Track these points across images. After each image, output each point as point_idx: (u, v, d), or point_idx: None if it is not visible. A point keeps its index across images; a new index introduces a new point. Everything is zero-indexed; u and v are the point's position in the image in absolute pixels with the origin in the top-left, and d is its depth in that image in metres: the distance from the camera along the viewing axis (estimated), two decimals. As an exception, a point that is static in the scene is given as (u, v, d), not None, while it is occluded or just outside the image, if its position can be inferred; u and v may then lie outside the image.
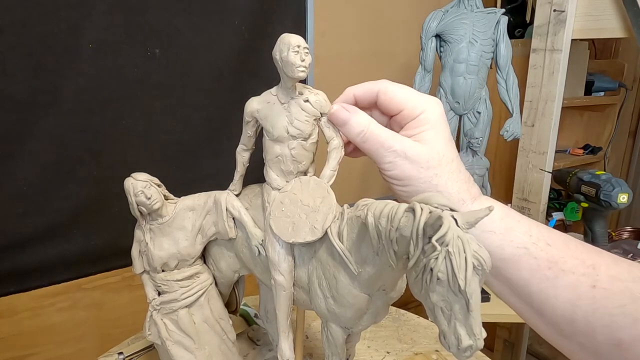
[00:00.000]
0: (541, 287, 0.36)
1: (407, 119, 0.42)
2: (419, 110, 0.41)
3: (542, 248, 0.37)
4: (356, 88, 0.45)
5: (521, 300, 0.38)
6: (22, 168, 0.91)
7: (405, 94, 0.42)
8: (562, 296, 0.35)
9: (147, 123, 1.03)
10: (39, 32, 0.86)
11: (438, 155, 0.41)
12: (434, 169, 0.40)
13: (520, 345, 1.59)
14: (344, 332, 0.51)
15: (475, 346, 0.29)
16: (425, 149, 0.41)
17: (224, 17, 1.07)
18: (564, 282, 0.35)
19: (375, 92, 0.43)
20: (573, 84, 1.43)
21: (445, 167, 0.41)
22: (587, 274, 0.35)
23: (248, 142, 0.53)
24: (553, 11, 1.16)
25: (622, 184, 1.13)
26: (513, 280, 0.38)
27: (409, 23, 1.46)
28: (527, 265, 0.37)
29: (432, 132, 0.41)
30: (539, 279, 0.36)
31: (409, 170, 0.41)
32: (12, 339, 0.99)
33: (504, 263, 0.38)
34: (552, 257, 0.36)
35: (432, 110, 0.42)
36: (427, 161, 0.40)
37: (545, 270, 0.36)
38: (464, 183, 0.41)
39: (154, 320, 0.59)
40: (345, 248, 0.43)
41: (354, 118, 0.43)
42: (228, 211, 0.54)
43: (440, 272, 0.29)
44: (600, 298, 0.33)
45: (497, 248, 0.38)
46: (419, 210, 0.32)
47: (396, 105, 0.42)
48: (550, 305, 0.36)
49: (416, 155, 0.40)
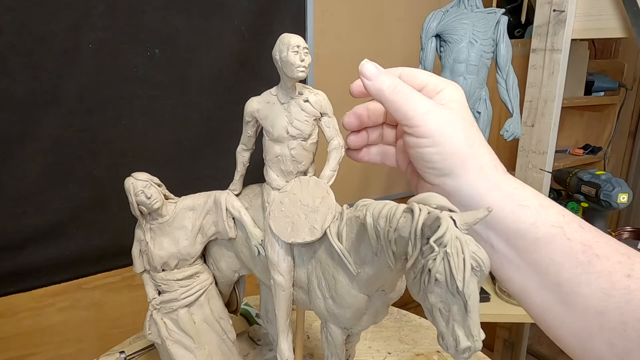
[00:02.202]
0: (574, 273, 0.33)
1: (431, 93, 0.41)
2: (442, 86, 0.40)
3: (576, 230, 0.34)
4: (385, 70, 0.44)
5: (549, 291, 0.35)
6: (22, 168, 0.91)
7: (428, 74, 0.42)
8: (596, 284, 0.32)
9: (147, 123, 1.03)
10: (39, 32, 0.86)
11: (468, 120, 0.39)
12: (468, 129, 0.38)
13: (520, 345, 1.59)
14: (343, 333, 0.51)
15: (473, 347, 0.29)
16: (455, 112, 0.39)
17: (224, 17, 1.07)
18: (598, 268, 0.32)
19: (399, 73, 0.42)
20: (573, 84, 1.43)
21: (477, 133, 0.39)
22: (623, 262, 0.32)
23: (248, 142, 0.53)
24: (553, 11, 1.16)
25: (622, 184, 1.14)
26: (543, 267, 0.35)
27: (409, 23, 1.46)
28: (560, 246, 0.34)
29: (458, 104, 0.40)
30: (571, 263, 0.33)
31: (444, 125, 0.38)
32: (12, 339, 0.99)
33: (537, 244, 0.35)
34: (587, 240, 0.34)
35: (456, 90, 0.41)
36: (460, 121, 0.38)
37: (579, 253, 0.33)
38: (493, 153, 0.39)
39: (154, 319, 0.59)
40: (345, 248, 0.43)
41: (384, 72, 0.41)
42: (228, 211, 0.54)
43: (439, 273, 0.29)
44: (635, 289, 0.31)
45: (531, 225, 0.35)
46: (417, 211, 0.32)
47: (419, 82, 0.41)
48: (581, 294, 0.33)
49: (449, 114, 0.38)
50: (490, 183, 0.37)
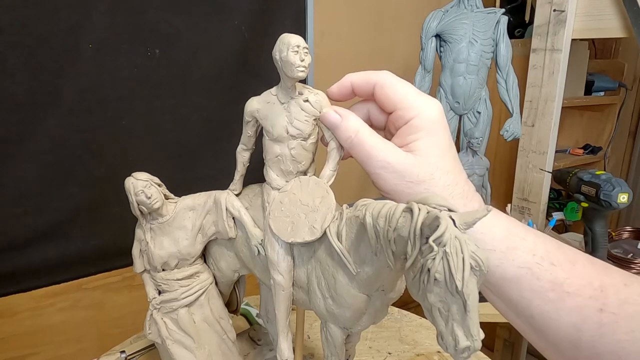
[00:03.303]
0: (544, 309, 0.34)
1: (400, 121, 0.39)
2: (412, 113, 0.38)
3: (546, 268, 0.35)
4: (354, 76, 0.42)
5: (523, 319, 0.36)
6: (22, 168, 0.91)
7: (402, 92, 0.39)
8: (566, 320, 0.33)
9: (147, 123, 1.03)
10: (39, 32, 0.86)
11: (430, 168, 0.37)
12: (425, 183, 0.37)
13: (520, 345, 1.59)
14: (343, 333, 0.51)
15: (473, 347, 0.29)
16: (415, 161, 0.37)
17: (224, 17, 1.07)
18: (569, 305, 0.33)
19: (372, 84, 0.40)
20: (573, 84, 1.43)
21: (439, 181, 0.37)
22: (594, 297, 0.32)
23: (248, 142, 0.53)
24: (553, 11, 1.16)
25: (622, 184, 1.13)
26: (514, 300, 0.36)
27: (409, 23, 1.46)
28: (529, 286, 0.35)
29: (426, 141, 0.38)
30: (541, 300, 0.34)
31: (397, 185, 0.38)
32: (12, 339, 0.99)
33: (505, 282, 0.36)
34: (557, 279, 0.34)
35: (428, 114, 0.38)
36: (417, 175, 0.37)
37: (548, 292, 0.34)
38: (460, 198, 0.38)
39: (154, 319, 0.59)
40: (344, 248, 0.43)
41: (344, 123, 0.41)
42: (228, 211, 0.54)
43: (438, 273, 0.29)
44: (608, 323, 0.31)
45: (497, 267, 0.36)
46: (416, 211, 0.32)
47: (391, 103, 0.39)
48: (553, 328, 0.34)
49: (404, 168, 0.37)
50: None
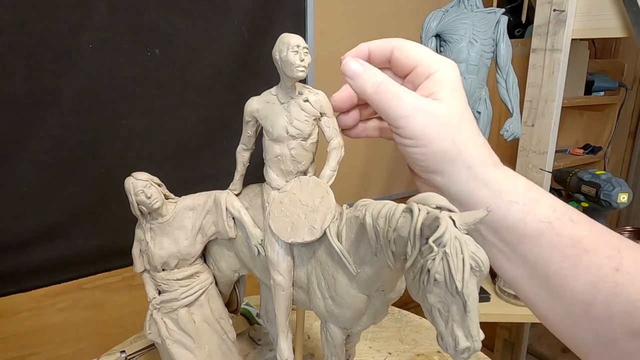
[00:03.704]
0: (562, 267, 0.33)
1: (422, 77, 0.39)
2: (434, 69, 0.39)
3: (565, 224, 0.34)
4: (371, 43, 0.42)
5: (537, 283, 0.35)
6: (22, 168, 0.91)
7: (422, 52, 0.40)
8: (584, 277, 0.32)
9: (147, 123, 1.03)
10: (39, 32, 0.86)
11: (457, 114, 0.37)
12: (455, 126, 0.37)
13: (520, 345, 1.59)
14: (343, 333, 0.51)
15: (472, 348, 0.29)
16: (444, 104, 0.37)
17: (224, 17, 1.07)
18: (587, 262, 0.33)
19: (391, 48, 0.41)
20: (573, 84, 1.43)
21: (466, 126, 0.38)
22: (611, 257, 0.32)
23: (248, 142, 0.53)
24: (553, 11, 1.16)
25: (622, 184, 1.14)
26: (531, 260, 0.35)
27: (409, 23, 1.46)
28: (549, 241, 0.34)
29: (449, 92, 0.38)
30: (560, 257, 0.34)
31: (429, 126, 0.37)
32: (12, 339, 0.99)
33: (525, 239, 0.35)
34: (576, 235, 0.34)
35: (449, 70, 0.39)
36: (447, 116, 0.37)
37: (568, 248, 0.33)
38: (485, 146, 0.38)
39: (154, 319, 0.59)
40: (344, 248, 0.43)
41: (367, 70, 0.40)
42: (228, 211, 0.54)
43: (438, 273, 0.29)
44: (623, 283, 0.31)
45: (519, 221, 0.35)
46: (416, 211, 0.32)
47: (411, 61, 0.40)
48: (569, 287, 0.33)
49: (436, 109, 0.37)
50: (478, 181, 0.37)
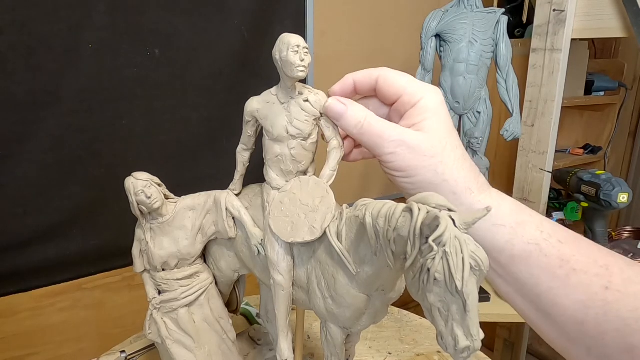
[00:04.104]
0: (551, 286, 0.34)
1: (407, 105, 0.41)
2: (418, 97, 0.40)
3: (553, 245, 0.35)
4: (356, 74, 0.44)
5: (528, 300, 0.37)
6: (22, 168, 0.91)
7: (405, 80, 0.41)
8: (573, 297, 0.33)
9: (147, 123, 1.03)
10: (39, 32, 0.86)
11: (441, 143, 0.39)
12: (438, 156, 0.38)
13: (520, 345, 1.59)
14: (343, 333, 0.51)
15: (472, 347, 0.29)
16: (426, 136, 0.39)
17: (224, 17, 1.07)
18: (576, 281, 0.33)
19: (375, 78, 0.42)
20: (573, 84, 1.43)
21: (450, 154, 0.39)
22: (600, 275, 0.33)
23: (248, 141, 0.53)
24: (553, 11, 1.16)
25: (622, 184, 1.14)
26: (521, 279, 0.36)
27: (409, 23, 1.46)
28: (537, 262, 0.35)
29: (434, 120, 0.39)
30: (549, 277, 0.34)
31: (412, 160, 0.39)
32: (12, 339, 0.99)
33: (513, 260, 0.36)
34: (564, 255, 0.34)
35: (432, 97, 0.40)
36: (429, 148, 0.38)
37: (556, 268, 0.34)
38: (470, 172, 0.40)
39: (154, 319, 0.59)
40: (344, 248, 0.43)
41: (350, 110, 0.42)
42: (228, 211, 0.54)
43: (438, 273, 0.29)
44: (613, 301, 0.32)
45: (507, 243, 0.36)
46: (416, 210, 0.32)
47: (395, 91, 0.41)
48: (560, 306, 0.34)
49: (417, 143, 0.38)
50: (463, 207, 0.38)
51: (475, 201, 0.38)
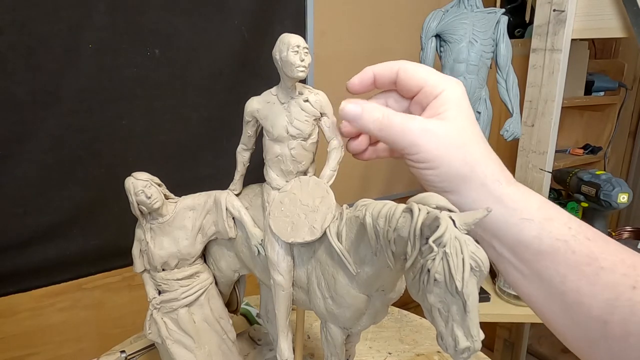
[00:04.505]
0: (578, 285, 0.33)
1: (429, 97, 0.40)
2: (440, 89, 0.39)
3: (581, 242, 0.34)
4: (375, 67, 0.42)
5: (553, 300, 0.35)
6: (22, 168, 0.91)
7: (426, 72, 0.40)
8: (600, 295, 0.32)
9: (147, 123, 1.03)
10: (39, 32, 0.86)
11: (466, 133, 0.38)
12: (466, 146, 0.37)
13: (520, 345, 1.59)
14: (343, 333, 0.51)
15: (472, 348, 0.29)
16: (452, 125, 0.37)
17: (224, 17, 1.07)
18: (603, 280, 0.32)
19: (396, 71, 0.41)
20: (573, 84, 1.43)
21: (477, 145, 0.38)
22: (628, 274, 0.32)
23: (248, 141, 0.53)
24: (553, 11, 1.16)
25: (622, 184, 1.13)
26: (546, 277, 0.35)
27: (409, 23, 1.46)
28: (564, 259, 0.34)
29: (457, 111, 0.38)
30: (576, 275, 0.33)
31: (438, 149, 0.37)
32: (12, 339, 0.99)
33: (540, 256, 0.35)
34: (592, 253, 0.33)
35: (454, 89, 0.39)
36: (456, 137, 0.37)
37: (584, 266, 0.33)
38: (497, 164, 0.38)
39: (154, 319, 0.59)
40: (344, 248, 0.43)
41: (366, 110, 0.40)
42: (228, 211, 0.54)
43: (438, 273, 0.29)
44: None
45: (534, 238, 0.35)
46: (416, 211, 0.32)
47: (417, 82, 0.40)
48: (585, 304, 0.33)
49: (444, 132, 0.37)
50: (492, 198, 0.36)
51: (505, 193, 0.37)
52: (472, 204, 0.37)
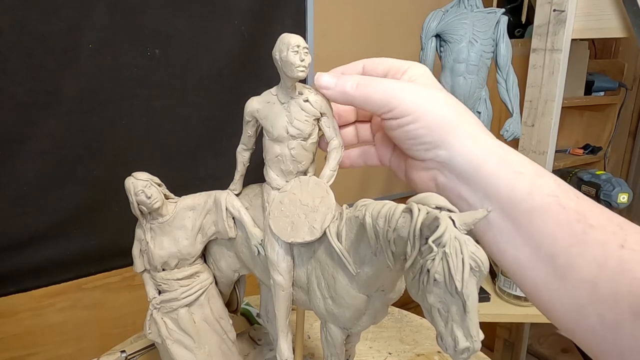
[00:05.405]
0: (568, 243, 0.32)
1: (397, 75, 0.41)
2: (405, 67, 0.41)
3: (571, 198, 0.34)
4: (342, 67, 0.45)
5: (542, 263, 0.34)
6: (22, 168, 0.91)
7: (390, 59, 0.42)
8: (590, 254, 0.32)
9: (147, 123, 1.03)
10: (39, 32, 0.86)
11: (442, 92, 0.38)
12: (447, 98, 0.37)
13: (520, 345, 1.60)
14: (343, 333, 0.51)
15: (472, 348, 0.29)
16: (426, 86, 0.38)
17: (224, 17, 1.07)
18: (593, 238, 0.32)
19: (362, 65, 0.44)
20: (573, 84, 1.43)
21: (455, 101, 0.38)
22: (616, 233, 0.31)
23: (248, 141, 0.53)
24: (553, 11, 1.16)
25: (622, 184, 1.14)
26: (537, 237, 0.34)
27: (409, 23, 1.46)
28: (555, 216, 0.33)
29: (426, 80, 0.39)
30: (567, 233, 0.33)
31: (418, 100, 0.37)
32: (12, 339, 0.99)
33: (532, 214, 0.34)
34: (582, 210, 0.33)
35: (418, 66, 0.41)
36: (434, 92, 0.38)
37: (574, 223, 0.33)
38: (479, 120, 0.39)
39: (154, 319, 0.59)
40: (344, 248, 0.43)
41: (340, 79, 0.42)
42: (228, 211, 0.54)
43: (437, 274, 0.29)
44: (629, 259, 0.30)
45: (527, 194, 0.34)
46: (416, 211, 0.32)
47: (382, 68, 0.42)
48: (575, 265, 0.32)
49: (421, 87, 0.38)
50: (484, 148, 0.36)
51: (494, 143, 0.36)
52: (462, 156, 0.36)
